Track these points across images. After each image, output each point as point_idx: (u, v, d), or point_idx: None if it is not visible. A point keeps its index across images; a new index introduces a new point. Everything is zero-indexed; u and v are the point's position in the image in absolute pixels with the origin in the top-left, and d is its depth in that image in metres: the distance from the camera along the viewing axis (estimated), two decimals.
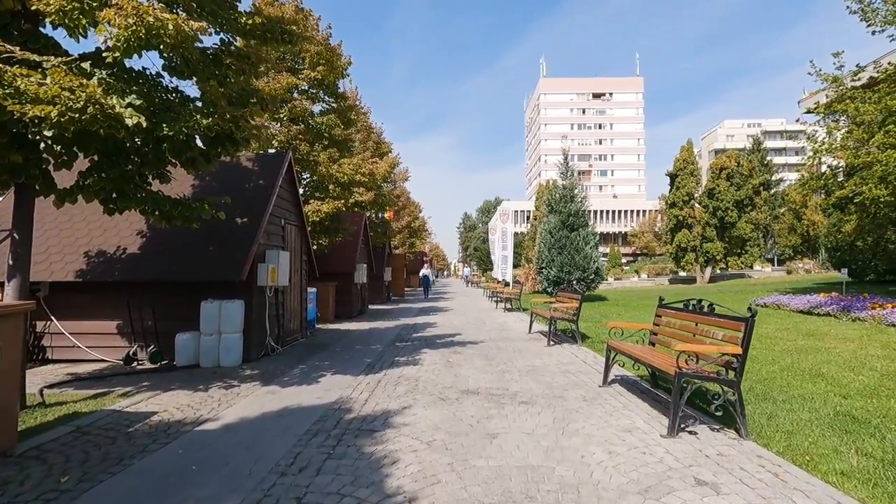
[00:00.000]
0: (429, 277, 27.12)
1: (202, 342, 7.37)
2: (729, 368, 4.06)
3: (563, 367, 7.01)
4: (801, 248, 40.59)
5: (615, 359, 5.80)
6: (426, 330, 11.83)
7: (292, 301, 9.72)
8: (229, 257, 7.52)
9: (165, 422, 4.67)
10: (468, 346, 9.18)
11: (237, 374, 6.91)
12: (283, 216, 9.28)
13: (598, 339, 9.57)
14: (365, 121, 20.19)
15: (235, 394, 5.76)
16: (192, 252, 7.64)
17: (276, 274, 8.22)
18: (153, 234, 7.92)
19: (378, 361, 7.72)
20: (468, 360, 7.73)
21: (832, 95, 13.95)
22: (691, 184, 30.86)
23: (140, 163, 5.86)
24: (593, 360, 7.50)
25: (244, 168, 9.06)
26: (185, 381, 6.44)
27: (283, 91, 11.84)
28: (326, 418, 4.73)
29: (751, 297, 16.10)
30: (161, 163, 5.96)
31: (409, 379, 6.39)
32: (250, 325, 7.76)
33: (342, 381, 6.37)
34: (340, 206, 12.49)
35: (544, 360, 7.66)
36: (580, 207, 19.25)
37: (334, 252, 14.47)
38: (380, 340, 10.13)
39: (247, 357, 7.67)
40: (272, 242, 8.69)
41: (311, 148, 12.18)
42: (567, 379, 6.25)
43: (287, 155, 9.31)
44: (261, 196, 8.42)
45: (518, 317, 14.75)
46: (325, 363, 7.66)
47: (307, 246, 10.64)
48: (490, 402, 5.17)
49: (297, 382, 6.31)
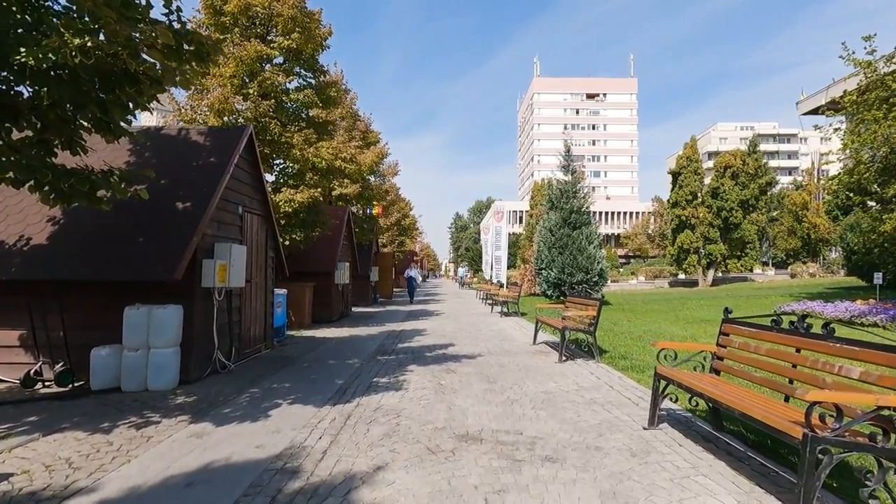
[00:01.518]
0: (414, 279, 23.76)
1: (125, 359, 5.75)
2: (893, 431, 2.55)
3: (587, 395, 5.49)
4: (800, 252, 39.62)
5: (665, 391, 4.29)
6: (414, 339, 10.27)
7: (253, 305, 8.11)
8: (162, 251, 5.91)
9: (8, 499, 3.07)
10: (464, 361, 7.64)
11: (165, 401, 5.30)
12: (242, 203, 7.67)
13: (616, 352, 8.09)
14: (351, 106, 18.58)
15: (147, 437, 4.16)
16: (115, 244, 6.02)
17: (226, 272, 6.62)
18: (68, 222, 6.27)
19: (352, 383, 6.16)
20: (465, 381, 6.19)
21: (865, 81, 12.61)
22: (695, 183, 29.54)
23: (41, 127, 4.28)
24: (620, 384, 6.00)
25: (193, 143, 7.44)
26: (91, 413, 4.83)
27: (251, 62, 10.22)
28: (258, 489, 3.16)
29: (774, 304, 14.74)
30: (65, 125, 4.38)
31: (389, 413, 4.83)
32: (191, 336, 6.15)
33: (300, 414, 4.79)
34: (318, 196, 10.88)
35: (559, 382, 6.14)
36: (583, 204, 17.81)
37: (312, 249, 12.84)
38: (359, 352, 8.55)
39: (186, 377, 6.06)
40: (225, 234, 7.08)
41: (283, 129, 10.56)
42: (597, 414, 4.73)
43: (247, 129, 7.71)
44: (210, 176, 6.82)
45: (517, 323, 13.25)
46: (285, 385, 6.08)
47: (274, 240, 9.03)
48: (500, 459, 3.64)
49: (239, 417, 4.73)
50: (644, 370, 6.73)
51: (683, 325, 11.63)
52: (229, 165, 6.98)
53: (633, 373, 6.64)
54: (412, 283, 23.24)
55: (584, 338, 8.60)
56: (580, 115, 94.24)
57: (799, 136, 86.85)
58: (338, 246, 14.02)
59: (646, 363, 7.16)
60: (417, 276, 26.11)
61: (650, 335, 9.98)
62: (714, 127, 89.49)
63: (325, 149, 11.04)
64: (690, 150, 29.90)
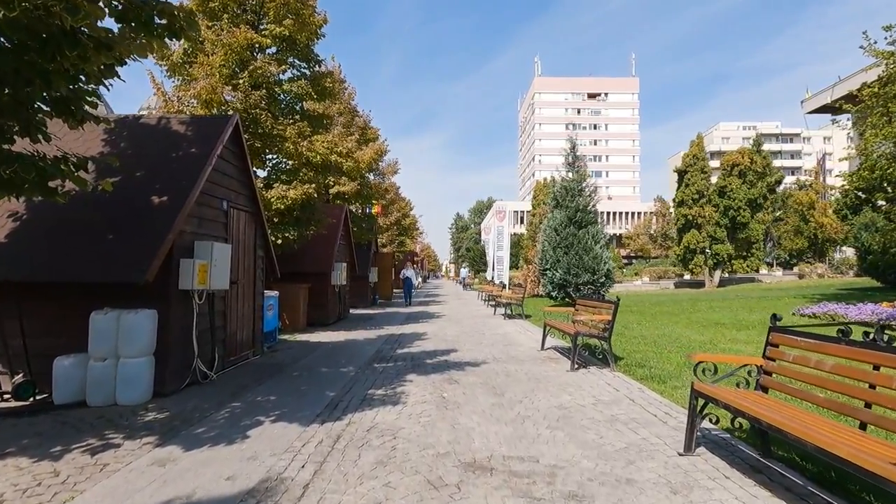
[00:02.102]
0: (411, 280, 21.76)
1: (91, 370, 5.16)
2: None
3: (607, 410, 4.90)
4: (806, 252, 38.97)
5: (704, 411, 3.69)
6: (414, 344, 9.67)
7: (240, 308, 7.53)
8: (134, 250, 5.32)
9: None
10: (467, 369, 7.04)
11: (133, 419, 4.72)
12: (227, 198, 7.08)
13: (631, 359, 7.49)
14: (349, 102, 18.00)
15: (101, 465, 3.58)
16: (82, 243, 5.44)
17: (208, 273, 6.02)
18: (31, 218, 5.69)
19: (344, 396, 5.56)
20: (469, 394, 5.60)
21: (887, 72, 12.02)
22: (701, 181, 28.87)
23: None
24: (642, 397, 5.40)
25: (174, 133, 6.86)
26: (45, 434, 4.25)
27: (241, 49, 9.64)
28: None
29: (790, 306, 14.12)
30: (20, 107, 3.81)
31: (384, 434, 4.24)
32: (168, 344, 5.56)
33: (282, 435, 4.20)
34: (312, 193, 10.29)
35: (574, 395, 5.55)
36: (588, 202, 17.21)
37: (307, 248, 12.26)
38: (354, 359, 7.96)
39: (160, 389, 5.47)
40: (208, 231, 6.49)
41: (275, 121, 9.98)
42: (622, 435, 4.14)
43: (233, 118, 7.12)
44: (190, 168, 6.23)
45: (522, 326, 12.65)
46: (270, 398, 5.48)
47: (264, 238, 8.44)
48: (515, 496, 3.04)
49: (213, 439, 4.14)
50: (665, 380, 6.14)
51: (699, 328, 11.03)
52: (212, 156, 6.39)
53: (653, 383, 6.05)
54: (409, 285, 21.49)
55: (597, 344, 8.01)
56: (582, 114, 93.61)
57: (802, 136, 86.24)
58: (334, 245, 13.43)
59: (666, 372, 6.57)
60: (415, 276, 23.48)
61: (665, 340, 9.39)
62: (716, 127, 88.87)
63: (320, 142, 10.45)
64: (697, 148, 29.24)
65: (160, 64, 10.05)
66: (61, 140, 5.42)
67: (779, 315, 3.81)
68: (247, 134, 10.00)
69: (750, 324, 11.32)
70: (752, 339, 9.18)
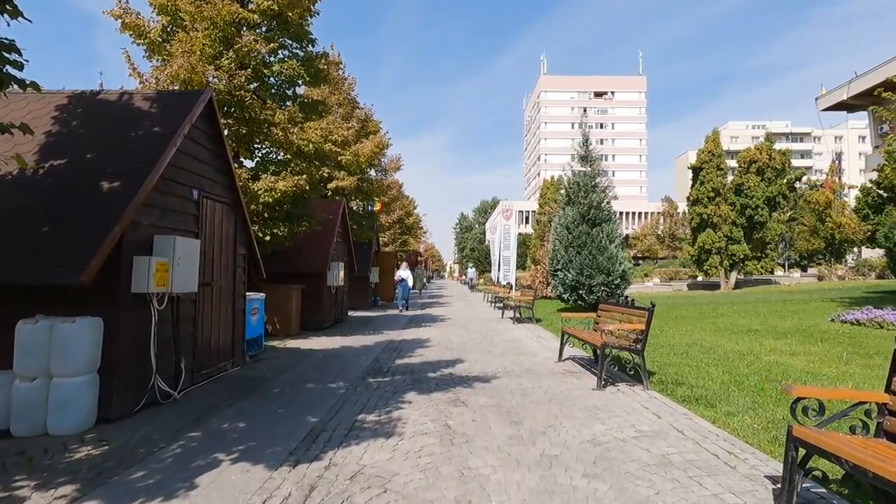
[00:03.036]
0: (407, 282, 17.93)
1: (16, 392, 4.21)
2: None
3: (653, 447, 3.89)
4: (822, 253, 37.68)
5: (808, 463, 2.69)
6: (415, 352, 8.69)
7: (216, 314, 6.56)
8: (72, 245, 4.37)
9: None
10: (476, 386, 6.05)
11: (59, 456, 3.75)
12: (199, 186, 6.12)
13: (665, 374, 6.49)
14: (349, 92, 17.03)
15: None
16: (9, 236, 4.48)
17: (169, 274, 5.06)
18: None
19: (328, 423, 4.58)
20: (480, 422, 4.61)
21: None
22: (717, 179, 27.67)
23: None
24: (692, 428, 4.39)
25: (135, 110, 5.90)
26: None
27: (226, 25, 8.70)
28: None
29: (825, 312, 13.03)
30: None
31: (372, 485, 3.25)
32: (116, 359, 4.60)
33: (240, 486, 3.22)
34: (304, 185, 9.32)
35: (609, 424, 4.54)
36: (603, 198, 16.16)
37: (301, 246, 11.31)
38: (347, 371, 6.99)
39: (107, 414, 4.51)
40: (172, 224, 5.52)
41: (263, 105, 9.02)
42: (686, 491, 3.13)
43: (205, 93, 6.16)
44: (149, 149, 5.27)
45: (533, 332, 11.63)
46: (239, 425, 4.51)
47: (246, 234, 7.48)
48: None
49: (149, 489, 3.17)
50: (713, 403, 5.14)
51: (729, 336, 9.99)
52: (177, 136, 5.43)
53: (699, 407, 5.04)
54: (404, 288, 17.82)
55: (625, 356, 7.01)
56: (588, 113, 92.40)
57: (812, 135, 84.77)
58: (330, 244, 12.46)
59: (711, 392, 5.56)
60: (411, 277, 18.67)
61: (697, 350, 8.36)
62: (725, 126, 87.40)
63: (313, 129, 9.47)
64: (712, 144, 28.03)
65: (138, 43, 9.15)
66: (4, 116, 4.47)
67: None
68: (231, 118, 9.06)
69: (786, 331, 10.26)
70: (798, 350, 8.15)
